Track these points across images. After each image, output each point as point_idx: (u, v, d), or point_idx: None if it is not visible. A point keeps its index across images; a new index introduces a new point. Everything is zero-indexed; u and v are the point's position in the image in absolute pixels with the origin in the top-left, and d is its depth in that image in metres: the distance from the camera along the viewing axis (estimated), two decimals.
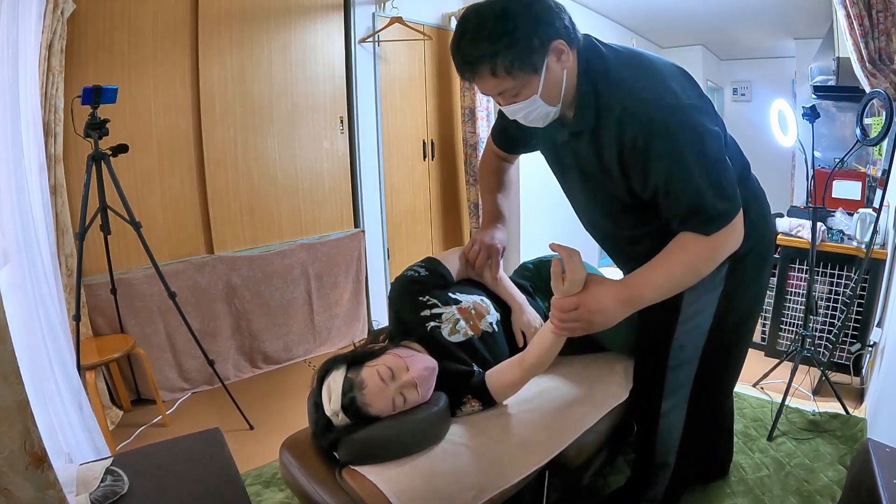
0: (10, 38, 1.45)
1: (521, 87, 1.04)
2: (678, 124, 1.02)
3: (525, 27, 0.98)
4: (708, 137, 1.05)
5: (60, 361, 1.62)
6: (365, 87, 3.08)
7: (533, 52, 1.00)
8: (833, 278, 2.47)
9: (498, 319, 1.36)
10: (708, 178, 1.04)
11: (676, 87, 1.07)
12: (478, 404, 1.24)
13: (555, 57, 1.03)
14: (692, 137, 1.03)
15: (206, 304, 2.58)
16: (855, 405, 2.20)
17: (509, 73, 1.01)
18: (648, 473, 1.44)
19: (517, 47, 0.98)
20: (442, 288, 1.34)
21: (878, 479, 0.98)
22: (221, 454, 1.27)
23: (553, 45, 1.02)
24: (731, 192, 1.08)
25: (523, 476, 1.12)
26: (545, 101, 1.07)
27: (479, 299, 1.36)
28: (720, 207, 1.06)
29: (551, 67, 1.04)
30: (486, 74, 1.02)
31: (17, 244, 1.41)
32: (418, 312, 1.28)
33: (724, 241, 1.10)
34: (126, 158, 2.09)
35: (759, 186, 1.33)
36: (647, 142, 1.03)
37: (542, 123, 1.13)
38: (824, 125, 3.26)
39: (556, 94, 1.07)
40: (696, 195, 1.05)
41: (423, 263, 1.37)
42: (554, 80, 1.05)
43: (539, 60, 1.02)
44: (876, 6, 2.09)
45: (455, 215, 3.80)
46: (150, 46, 2.33)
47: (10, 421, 0.74)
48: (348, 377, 1.12)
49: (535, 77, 1.03)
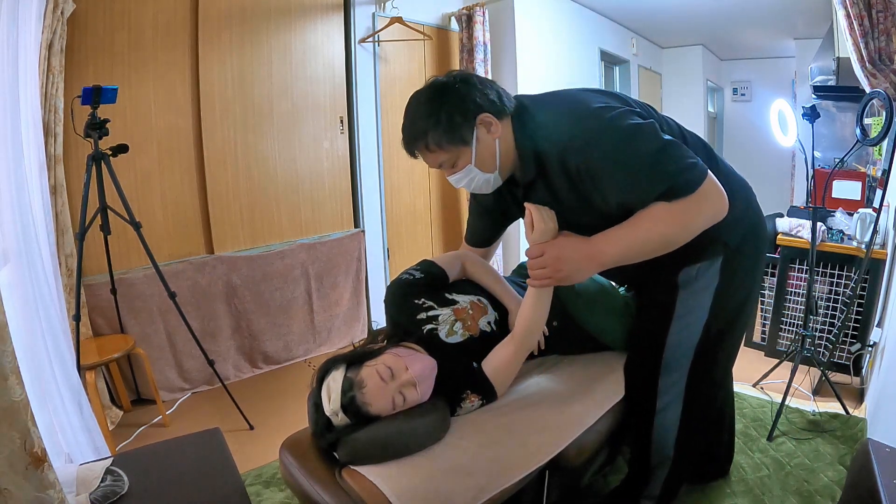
0: (10, 39, 1.46)
1: (455, 159, 1.17)
2: (604, 133, 1.09)
3: (449, 106, 1.13)
4: (638, 130, 1.09)
5: (60, 361, 1.62)
6: (365, 87, 3.08)
7: (458, 128, 1.13)
8: (833, 278, 2.47)
9: (496, 318, 1.36)
10: (655, 160, 1.07)
11: (597, 103, 1.13)
12: (477, 399, 1.23)
13: (484, 129, 1.15)
14: (622, 136, 1.08)
15: (206, 304, 2.58)
16: (855, 405, 2.20)
17: (440, 147, 1.15)
18: (646, 472, 1.44)
19: (443, 125, 1.12)
20: (438, 289, 1.35)
21: (878, 479, 0.99)
22: (221, 454, 1.27)
23: (479, 118, 1.14)
24: (685, 162, 1.08)
25: (523, 476, 1.12)
26: (480, 168, 1.18)
27: (476, 299, 1.36)
28: (680, 178, 1.07)
29: (481, 139, 1.15)
30: (424, 150, 1.17)
31: (17, 244, 1.41)
32: (415, 315, 1.29)
33: (695, 209, 1.09)
34: (126, 158, 2.09)
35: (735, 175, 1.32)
36: (588, 164, 1.10)
37: (487, 190, 1.24)
38: (824, 125, 3.26)
39: (490, 161, 1.18)
40: (653, 181, 1.08)
41: (417, 266, 1.38)
42: (486, 149, 1.16)
43: (467, 134, 1.14)
44: (876, 6, 2.09)
45: (455, 215, 3.80)
46: (150, 46, 2.33)
47: (10, 421, 0.74)
48: (348, 377, 1.12)
49: (465, 148, 1.15)
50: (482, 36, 3.31)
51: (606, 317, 1.46)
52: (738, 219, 1.22)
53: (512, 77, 3.49)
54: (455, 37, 3.48)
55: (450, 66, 3.56)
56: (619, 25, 4.82)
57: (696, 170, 1.08)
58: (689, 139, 1.26)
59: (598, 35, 4.52)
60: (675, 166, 1.07)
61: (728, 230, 1.22)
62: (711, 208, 1.11)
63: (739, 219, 1.23)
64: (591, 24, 4.40)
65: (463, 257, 1.45)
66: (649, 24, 4.93)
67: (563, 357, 1.50)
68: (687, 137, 1.25)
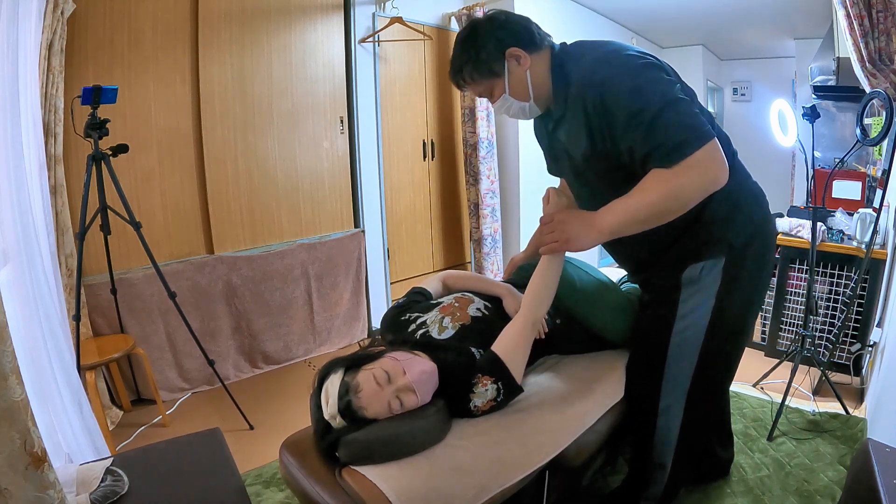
0: (10, 39, 1.45)
1: (491, 89, 1.28)
2: (624, 75, 1.13)
3: (478, 44, 1.23)
4: (655, 81, 1.12)
5: (60, 361, 1.62)
6: (365, 87, 3.08)
7: (486, 62, 1.23)
8: (833, 278, 2.47)
9: (486, 305, 1.40)
10: (658, 113, 1.08)
11: (631, 51, 1.17)
12: (490, 381, 1.18)
13: (514, 61, 1.23)
14: (639, 82, 1.11)
15: (206, 304, 2.58)
16: (855, 405, 2.20)
17: (474, 80, 1.27)
18: (646, 473, 1.44)
19: (473, 61, 1.24)
20: (422, 304, 1.44)
21: (878, 479, 0.98)
22: (221, 454, 1.27)
23: (508, 52, 1.22)
24: (688, 121, 1.08)
25: (523, 476, 1.12)
26: (515, 97, 1.27)
27: (459, 295, 1.42)
28: (677, 137, 1.07)
29: (513, 71, 1.24)
30: (463, 82, 1.30)
31: (17, 244, 1.41)
32: (406, 329, 1.35)
33: (689, 174, 1.08)
34: (126, 158, 2.09)
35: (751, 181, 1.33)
36: (603, 99, 1.14)
37: (524, 117, 1.33)
38: (824, 125, 3.26)
39: (523, 91, 1.26)
40: (652, 127, 1.09)
41: (403, 296, 1.52)
42: (518, 80, 1.25)
43: (496, 66, 1.23)
44: (876, 6, 2.09)
45: (455, 215, 3.81)
46: (150, 46, 2.33)
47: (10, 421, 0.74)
48: (345, 381, 1.12)
49: (497, 80, 1.25)
50: None
51: (608, 313, 1.47)
52: (745, 223, 1.25)
53: None
54: (455, 37, 3.47)
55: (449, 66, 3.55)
56: (619, 25, 4.81)
57: (699, 130, 1.08)
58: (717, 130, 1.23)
59: (598, 35, 4.49)
60: (674, 126, 1.08)
61: (733, 232, 1.24)
62: (702, 177, 1.09)
63: (746, 223, 1.25)
64: (591, 25, 4.39)
65: (443, 276, 1.57)
66: (649, 24, 4.93)
67: (564, 357, 1.50)
68: (716, 128, 1.23)
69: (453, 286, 1.53)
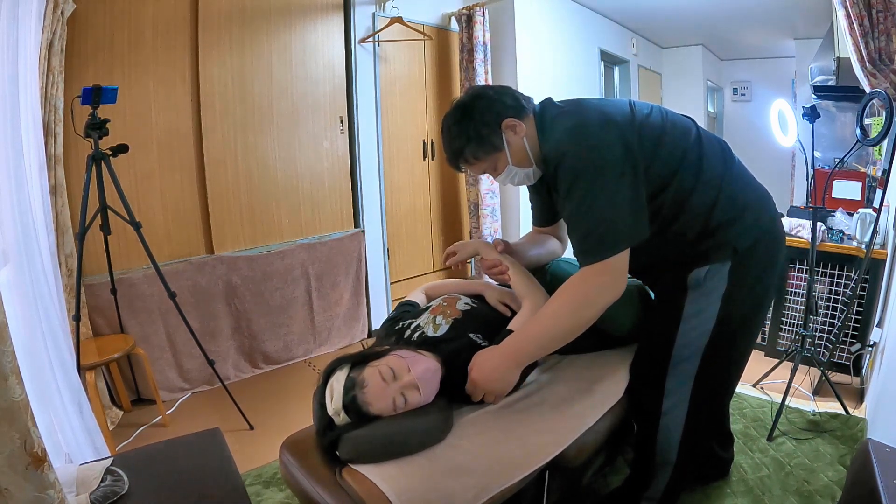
0: (10, 39, 1.45)
1: (494, 164, 1.30)
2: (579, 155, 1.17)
3: (474, 122, 1.25)
4: (603, 172, 1.15)
5: (60, 361, 1.62)
6: (365, 87, 3.08)
7: (487, 138, 1.25)
8: (833, 278, 2.47)
9: (472, 300, 1.45)
10: (587, 210, 1.16)
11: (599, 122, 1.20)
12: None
13: (511, 132, 1.26)
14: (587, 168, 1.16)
15: (206, 304, 2.58)
16: (855, 405, 2.20)
17: (478, 159, 1.28)
18: (648, 473, 1.44)
19: (474, 140, 1.25)
20: (412, 311, 1.49)
21: (878, 479, 0.99)
22: (221, 454, 1.27)
23: (503, 124, 1.25)
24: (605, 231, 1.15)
25: (523, 476, 1.12)
26: (518, 166, 1.30)
27: (445, 296, 1.48)
28: (590, 240, 1.17)
29: (511, 141, 1.27)
30: (465, 164, 1.31)
31: (17, 244, 1.41)
32: (402, 336, 1.37)
33: (594, 280, 1.17)
34: (126, 158, 2.09)
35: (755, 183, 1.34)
36: (557, 170, 1.21)
37: (528, 182, 1.37)
38: (824, 125, 3.26)
39: (524, 157, 1.29)
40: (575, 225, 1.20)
41: (392, 310, 1.57)
42: (518, 149, 1.28)
43: (496, 141, 1.26)
44: (876, 6, 2.09)
45: (455, 215, 3.80)
46: (150, 46, 2.33)
47: (10, 421, 0.74)
48: (350, 376, 1.13)
49: (499, 153, 1.28)
50: (482, 36, 3.31)
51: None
52: (749, 228, 1.26)
53: (512, 77, 3.49)
54: (455, 37, 3.48)
55: (450, 66, 3.56)
56: (619, 25, 4.82)
57: (606, 245, 1.15)
58: (705, 142, 1.29)
59: (598, 35, 4.52)
60: (590, 229, 1.16)
61: (737, 237, 1.25)
62: (611, 285, 1.18)
63: (749, 228, 1.26)
64: (591, 24, 4.40)
65: (424, 287, 1.63)
66: (649, 24, 4.93)
67: (564, 357, 1.50)
68: (703, 139, 1.29)
69: (433, 294, 1.59)
